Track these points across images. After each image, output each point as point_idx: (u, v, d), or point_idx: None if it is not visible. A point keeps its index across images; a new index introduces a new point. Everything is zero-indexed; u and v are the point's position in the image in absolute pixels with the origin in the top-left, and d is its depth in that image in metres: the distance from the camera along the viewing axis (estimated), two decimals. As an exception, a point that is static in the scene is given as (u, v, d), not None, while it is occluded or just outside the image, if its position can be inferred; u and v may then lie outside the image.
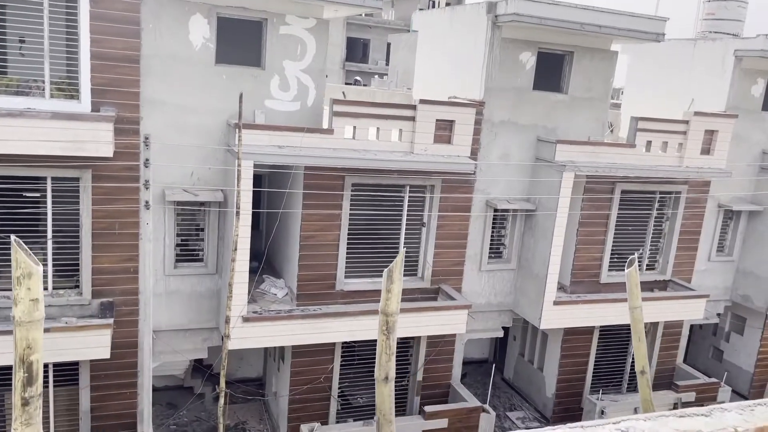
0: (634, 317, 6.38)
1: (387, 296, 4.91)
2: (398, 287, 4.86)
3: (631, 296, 6.31)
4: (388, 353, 5.15)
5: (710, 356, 19.43)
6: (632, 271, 6.19)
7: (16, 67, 11.03)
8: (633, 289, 6.26)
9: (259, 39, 11.63)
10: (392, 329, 5.02)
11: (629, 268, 6.14)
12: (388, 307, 4.92)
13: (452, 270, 13.93)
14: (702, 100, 16.36)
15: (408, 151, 12.30)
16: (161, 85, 11.06)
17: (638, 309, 6.33)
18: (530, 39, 13.50)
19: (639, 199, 15.25)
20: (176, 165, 11.37)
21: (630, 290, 6.24)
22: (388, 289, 4.86)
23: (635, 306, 6.34)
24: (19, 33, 10.82)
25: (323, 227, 12.47)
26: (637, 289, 6.25)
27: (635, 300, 6.32)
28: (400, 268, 4.72)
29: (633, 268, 6.16)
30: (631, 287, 6.23)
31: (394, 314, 4.97)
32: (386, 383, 5.30)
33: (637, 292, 6.25)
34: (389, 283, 4.86)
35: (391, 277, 4.88)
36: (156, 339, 12.10)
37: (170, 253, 11.78)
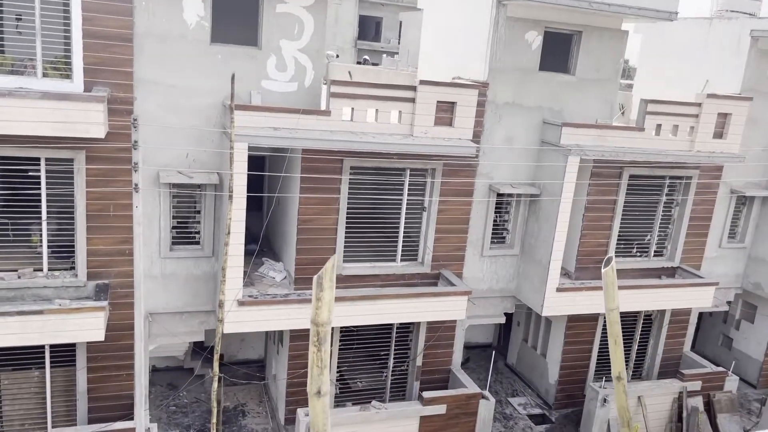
0: (611, 319, 6.08)
1: (317, 305, 4.59)
2: (329, 295, 4.57)
3: (608, 297, 6.02)
4: (320, 366, 4.83)
5: (720, 344, 19.10)
6: (608, 271, 5.88)
7: (12, 46, 10.89)
8: (609, 289, 5.96)
9: (256, 17, 11.35)
10: (324, 340, 4.73)
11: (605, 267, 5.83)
12: (319, 316, 4.61)
13: (453, 255, 13.69)
14: (716, 82, 15.83)
15: (407, 133, 12.01)
16: (155, 64, 10.85)
17: (615, 311, 6.03)
18: (537, 18, 13.07)
19: (648, 184, 14.85)
20: (171, 147, 11.20)
21: (606, 290, 5.94)
22: (318, 297, 4.55)
23: (611, 308, 6.04)
24: (12, 11, 10.66)
25: (321, 211, 12.27)
26: (613, 290, 5.96)
27: (611, 301, 6.02)
28: (330, 274, 4.46)
29: (609, 268, 5.86)
30: (607, 287, 5.93)
31: (325, 324, 4.66)
32: (319, 397, 5.00)
33: (613, 293, 5.96)
34: (319, 291, 4.55)
35: (320, 285, 4.57)
36: (152, 322, 12.05)
37: (166, 235, 11.66)
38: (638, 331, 16.23)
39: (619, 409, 7.71)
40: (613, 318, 6.13)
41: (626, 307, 14.75)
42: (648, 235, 15.49)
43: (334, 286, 4.39)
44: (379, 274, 13.14)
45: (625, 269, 15.09)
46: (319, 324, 4.45)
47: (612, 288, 5.98)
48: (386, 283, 13.15)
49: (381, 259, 13.26)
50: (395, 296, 12.37)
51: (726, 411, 15.59)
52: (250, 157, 12.75)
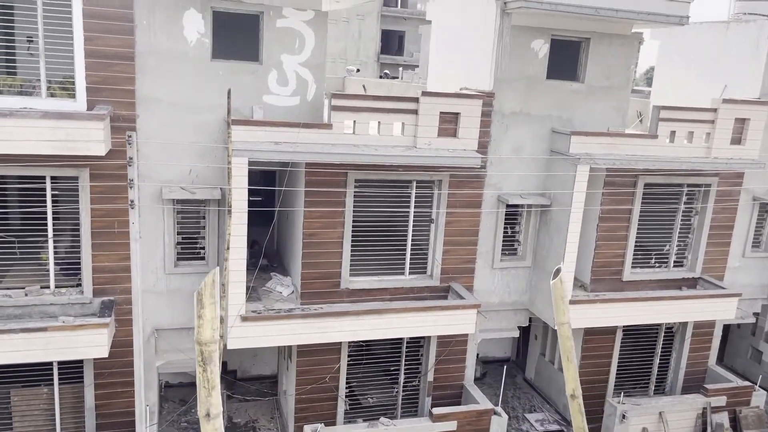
0: (561, 334, 5.78)
1: (198, 323, 4.34)
2: (211, 312, 4.32)
3: (557, 310, 5.72)
4: (207, 387, 4.59)
5: (749, 357, 18.39)
6: (557, 283, 5.60)
7: (19, 67, 11.13)
8: (558, 302, 5.67)
9: (256, 33, 11.40)
10: (209, 360, 4.48)
11: (553, 279, 5.56)
12: (201, 335, 4.35)
13: (463, 268, 13.46)
14: (735, 87, 15.37)
15: (411, 145, 11.88)
16: (157, 82, 10.95)
17: (565, 325, 5.73)
18: (542, 26, 12.86)
19: (665, 193, 14.43)
20: (174, 163, 11.26)
21: (555, 304, 5.65)
22: (199, 315, 4.31)
23: (561, 322, 5.74)
24: (16, 33, 10.89)
25: (326, 224, 12.19)
26: (563, 303, 5.67)
27: (561, 315, 5.73)
28: (210, 290, 4.28)
29: (557, 280, 5.57)
30: (556, 300, 5.64)
31: (209, 343, 4.41)
32: (208, 420, 4.77)
33: (563, 306, 5.67)
34: (200, 308, 4.31)
35: (201, 302, 4.33)
36: (158, 338, 12.08)
37: (170, 251, 11.70)
38: (659, 344, 15.72)
39: (576, 429, 7.33)
40: (564, 333, 5.82)
41: (645, 320, 14.38)
42: (667, 245, 15.03)
43: (216, 302, 4.21)
44: (387, 288, 12.98)
45: (643, 281, 14.69)
46: (202, 343, 4.28)
47: (561, 302, 5.70)
48: (394, 296, 12.99)
49: (389, 272, 13.11)
50: (402, 310, 12.19)
51: (753, 427, 14.94)
52: (263, 172, 12.83)
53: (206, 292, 4.28)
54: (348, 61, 52.67)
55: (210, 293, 4.28)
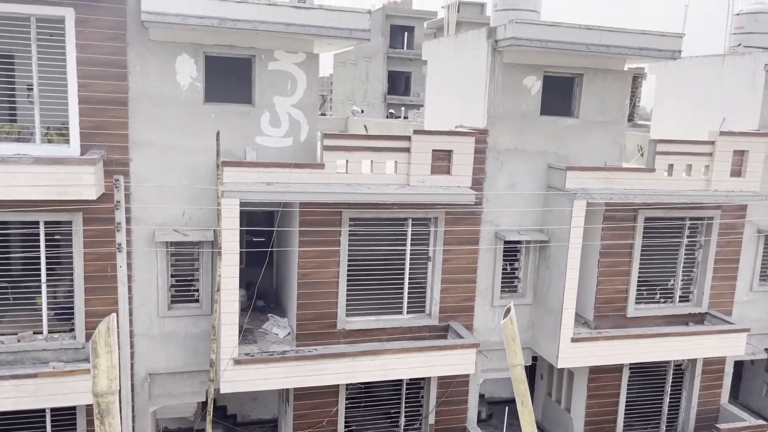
0: (515, 377, 5.55)
1: (94, 372, 4.14)
2: (106, 361, 4.12)
3: (509, 352, 5.51)
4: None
5: (764, 394, 17.82)
6: (507, 323, 5.40)
7: (21, 114, 11.30)
8: (509, 343, 5.45)
9: (248, 76, 11.53)
10: (107, 412, 4.25)
11: (504, 318, 5.37)
12: (96, 385, 4.14)
13: (462, 306, 13.27)
14: (734, 118, 15.27)
15: (404, 183, 11.85)
16: (150, 126, 11.06)
17: (518, 367, 5.49)
18: (534, 63, 12.92)
19: (666, 226, 14.22)
20: (167, 205, 11.29)
21: (507, 345, 5.44)
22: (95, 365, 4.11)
23: (514, 364, 5.51)
24: (15, 81, 11.10)
25: (321, 264, 12.10)
26: (514, 344, 5.45)
27: (513, 356, 5.50)
28: (105, 338, 4.14)
29: (508, 319, 5.37)
30: (507, 341, 5.43)
31: (106, 394, 4.20)
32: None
33: (515, 347, 5.46)
34: (95, 357, 4.12)
35: (95, 351, 4.14)
36: (152, 382, 11.92)
37: (164, 294, 11.63)
38: (669, 382, 15.28)
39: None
40: (517, 376, 5.57)
41: (651, 357, 14.01)
42: (671, 280, 14.75)
43: (113, 351, 4.06)
44: (384, 328, 12.78)
45: (648, 317, 14.37)
46: (98, 394, 4.10)
47: (513, 342, 5.48)
48: (392, 336, 12.78)
49: (386, 311, 12.93)
50: (399, 351, 11.97)
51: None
52: (262, 213, 12.80)
53: (101, 341, 4.14)
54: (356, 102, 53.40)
55: (105, 341, 4.15)
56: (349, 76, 58.49)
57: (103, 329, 4.16)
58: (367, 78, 54.24)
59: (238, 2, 10.38)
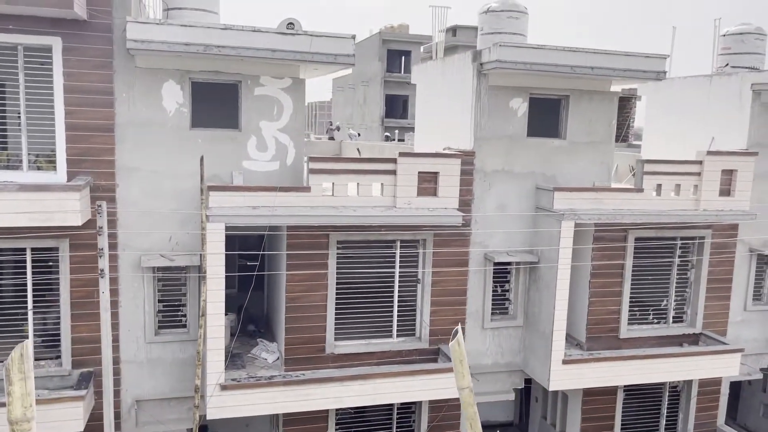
0: (464, 400, 5.46)
1: (8, 400, 4.01)
2: (20, 389, 4.03)
3: (456, 374, 5.43)
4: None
5: (761, 415, 17.61)
6: (454, 345, 5.33)
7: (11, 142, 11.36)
8: (457, 366, 5.37)
9: (235, 101, 11.62)
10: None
11: (452, 341, 5.30)
12: (11, 413, 4.03)
13: (452, 329, 13.12)
14: (723, 138, 15.32)
15: (390, 205, 11.86)
16: (136, 151, 11.13)
17: (466, 390, 5.41)
18: (520, 85, 13.02)
19: (657, 246, 14.18)
20: (154, 230, 11.30)
21: (455, 367, 5.37)
22: (9, 392, 4.01)
23: (462, 387, 5.43)
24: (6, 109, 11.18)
25: (309, 287, 12.07)
26: (462, 366, 5.38)
27: (461, 379, 5.42)
28: (18, 365, 4.09)
29: (455, 341, 5.30)
30: (455, 363, 5.36)
31: (21, 422, 4.08)
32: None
33: (463, 370, 5.38)
34: (8, 385, 4.01)
35: (9, 378, 4.04)
36: (139, 409, 11.82)
37: (151, 320, 11.59)
38: (665, 404, 15.12)
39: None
40: (465, 399, 5.48)
41: (644, 379, 13.87)
42: (664, 300, 14.66)
43: (27, 378, 4.01)
44: (374, 352, 12.69)
45: (642, 337, 14.26)
46: (13, 422, 4.04)
47: (461, 364, 5.39)
48: (382, 360, 12.68)
49: (376, 335, 12.86)
50: (387, 375, 11.88)
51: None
52: (255, 237, 12.77)
53: (14, 368, 4.11)
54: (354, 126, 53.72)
55: (18, 368, 4.11)
56: (348, 100, 58.94)
57: (16, 356, 4.12)
58: (365, 102, 54.64)
59: (223, 29, 10.50)
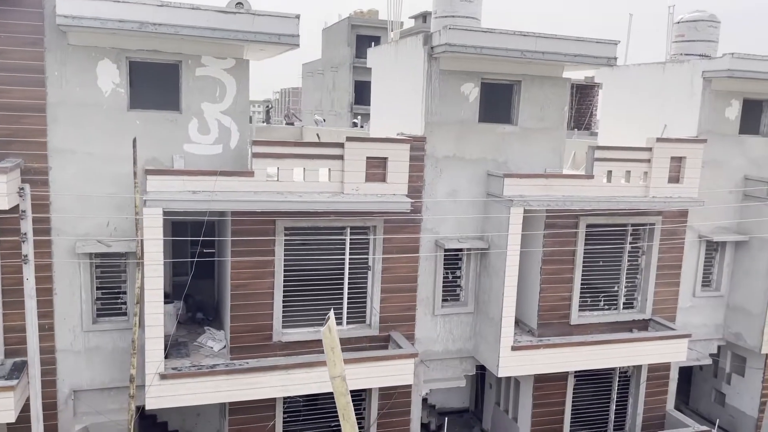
0: (336, 389, 5.33)
1: None
2: None
3: (329, 362, 5.29)
4: None
5: (713, 400, 17.90)
6: (325, 332, 5.20)
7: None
8: (329, 354, 5.24)
9: (175, 82, 11.23)
10: None
11: (324, 327, 5.16)
12: None
13: (403, 315, 13.06)
14: (675, 126, 15.40)
15: (338, 191, 11.63)
16: (70, 133, 10.69)
17: (338, 379, 5.27)
18: (471, 69, 12.84)
19: (609, 233, 14.22)
20: (90, 215, 10.90)
21: (327, 355, 5.23)
22: None
23: (333, 375, 5.29)
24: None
25: (255, 275, 11.80)
26: (334, 354, 5.24)
27: (332, 367, 5.28)
28: None
29: (326, 327, 5.16)
30: (327, 351, 5.22)
31: None
32: None
33: (334, 358, 5.24)
34: None
35: None
36: (76, 400, 11.47)
37: (88, 308, 11.21)
38: (615, 389, 15.25)
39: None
40: (337, 388, 5.34)
41: (593, 365, 13.94)
42: (615, 287, 14.74)
43: None
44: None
45: (593, 324, 14.32)
46: None
47: (332, 352, 5.25)
48: (331, 348, 12.48)
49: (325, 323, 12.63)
50: (333, 362, 11.67)
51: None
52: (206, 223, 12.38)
53: None
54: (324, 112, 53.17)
55: None
56: (317, 86, 58.30)
57: None
58: (334, 88, 54.07)
59: (159, 6, 10.09)
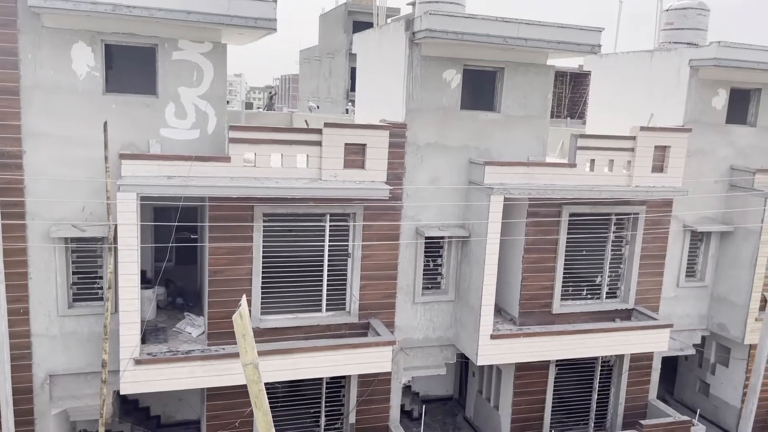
0: (248, 377, 5.25)
1: None
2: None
3: (240, 350, 5.22)
4: None
5: (697, 390, 17.93)
6: (236, 318, 5.12)
7: None
8: (240, 340, 5.16)
9: (151, 65, 11.12)
10: None
11: (235, 313, 5.09)
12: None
13: (383, 303, 13.03)
14: (662, 115, 15.30)
15: (316, 177, 11.56)
16: (45, 116, 10.60)
17: (250, 366, 5.20)
18: (453, 56, 12.72)
19: (592, 222, 14.16)
20: (66, 200, 10.84)
21: (238, 342, 5.16)
22: None
23: (246, 362, 5.22)
24: None
25: (233, 261, 11.76)
26: (245, 341, 5.17)
27: (244, 355, 5.21)
28: None
29: (237, 314, 5.10)
30: (238, 338, 5.14)
31: None
32: None
33: (245, 345, 5.17)
34: None
35: None
36: (52, 384, 11.48)
37: (63, 292, 11.17)
38: (597, 379, 15.25)
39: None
40: (249, 376, 5.26)
41: (573, 354, 13.93)
42: (598, 276, 14.69)
43: None
44: (302, 326, 12.49)
45: (575, 313, 14.30)
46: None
47: (243, 339, 5.17)
48: (310, 335, 12.49)
49: (304, 309, 12.64)
50: (309, 349, 11.68)
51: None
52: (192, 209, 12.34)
53: None
54: (320, 99, 52.91)
55: None
56: (314, 72, 57.97)
57: None
58: (330, 74, 53.74)
59: (133, -12, 9.97)
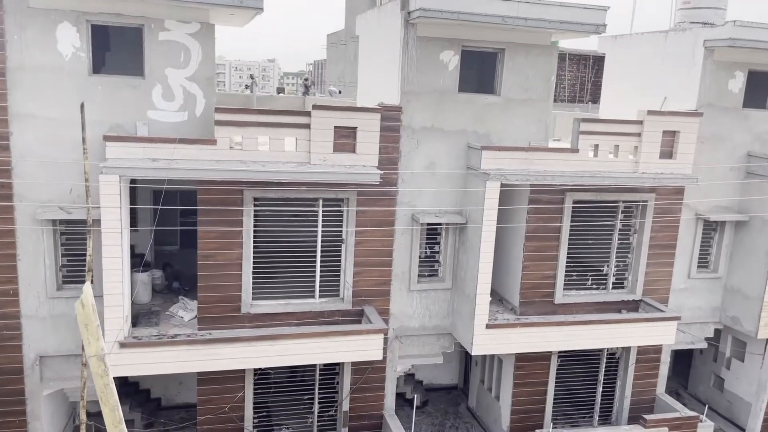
0: (92, 370, 4.95)
1: None
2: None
3: (84, 341, 4.91)
4: None
5: (711, 385, 17.32)
6: (78, 307, 4.82)
7: None
8: (83, 331, 4.84)
9: (138, 46, 10.96)
10: None
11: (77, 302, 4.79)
12: None
13: (377, 290, 12.78)
14: (676, 97, 14.63)
15: (304, 161, 11.32)
16: (31, 98, 10.55)
17: (94, 358, 4.88)
18: (451, 36, 12.29)
19: (597, 210, 13.65)
20: (53, 182, 10.81)
21: (82, 333, 4.85)
22: None
23: (90, 354, 4.91)
24: None
25: (223, 245, 11.62)
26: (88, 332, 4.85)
27: (88, 346, 4.90)
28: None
29: (79, 302, 4.79)
30: (81, 329, 4.83)
31: None
32: None
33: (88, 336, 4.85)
34: None
35: None
36: (42, 365, 11.54)
37: (52, 274, 11.18)
38: (602, 371, 14.79)
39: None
40: (94, 369, 4.97)
41: (574, 345, 13.54)
42: (605, 266, 14.20)
43: None
44: (294, 312, 12.32)
45: (578, 303, 13.85)
46: None
47: (86, 329, 4.88)
48: (302, 321, 12.32)
49: (297, 295, 12.47)
50: (298, 336, 11.51)
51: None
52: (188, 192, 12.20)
53: None
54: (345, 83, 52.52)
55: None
56: (341, 57, 57.55)
57: None
58: (355, 58, 53.18)
59: (115, -33, 9.81)
